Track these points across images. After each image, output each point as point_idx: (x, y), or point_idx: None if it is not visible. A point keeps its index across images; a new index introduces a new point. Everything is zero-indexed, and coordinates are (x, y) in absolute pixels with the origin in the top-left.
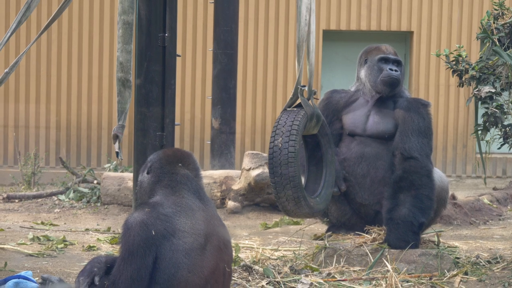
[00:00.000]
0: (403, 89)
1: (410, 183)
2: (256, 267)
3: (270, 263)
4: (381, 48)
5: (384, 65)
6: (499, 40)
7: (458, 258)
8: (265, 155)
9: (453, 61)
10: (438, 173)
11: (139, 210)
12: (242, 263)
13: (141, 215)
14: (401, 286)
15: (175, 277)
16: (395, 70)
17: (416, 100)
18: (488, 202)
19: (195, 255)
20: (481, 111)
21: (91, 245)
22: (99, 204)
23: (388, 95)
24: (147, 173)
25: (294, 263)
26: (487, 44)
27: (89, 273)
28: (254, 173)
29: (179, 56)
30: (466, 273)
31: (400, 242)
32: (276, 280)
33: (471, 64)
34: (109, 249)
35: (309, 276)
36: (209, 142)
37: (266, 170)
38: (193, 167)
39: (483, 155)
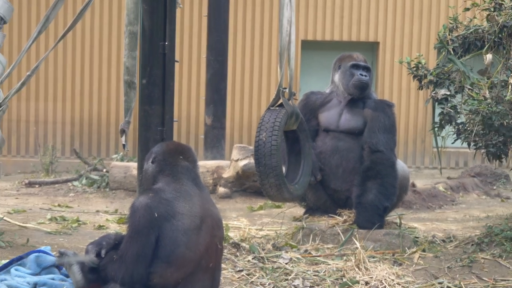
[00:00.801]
0: (371, 92)
1: (377, 173)
2: (243, 244)
3: (255, 241)
4: (353, 56)
5: (355, 71)
6: (453, 50)
7: (417, 237)
8: (251, 148)
9: (413, 67)
10: (400, 164)
11: (144, 195)
12: (231, 241)
13: (146, 199)
14: (368, 261)
15: (175, 253)
16: (365, 75)
17: (382, 101)
18: (443, 190)
19: (192, 234)
20: (438, 111)
21: (101, 224)
22: (107, 189)
23: (359, 96)
24: (152, 162)
25: (276, 241)
26: (443, 53)
27: (98, 245)
28: (242, 163)
29: (177, 61)
30: (424, 250)
31: (368, 223)
32: (261, 255)
33: (429, 70)
34: (116, 228)
35: (289, 252)
36: (203, 137)
37: (252, 161)
38: (192, 159)
39: (439, 149)
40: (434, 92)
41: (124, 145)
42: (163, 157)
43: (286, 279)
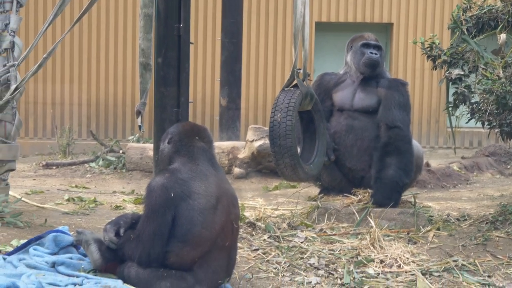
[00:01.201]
0: (384, 71)
1: (395, 148)
2: (259, 223)
3: (271, 220)
4: (364, 36)
5: (366, 50)
6: (467, 30)
7: (431, 216)
8: (266, 128)
9: (427, 48)
10: (415, 144)
11: (160, 175)
12: (247, 220)
13: (162, 179)
14: (383, 239)
15: (191, 232)
16: (375, 53)
17: (395, 80)
18: (457, 169)
19: (208, 214)
20: (452, 90)
21: (118, 205)
22: (124, 170)
23: (370, 75)
24: (168, 143)
25: (291, 220)
26: (457, 33)
27: (116, 224)
28: (257, 144)
29: (192, 43)
30: (438, 229)
31: (385, 199)
32: (276, 234)
33: (443, 50)
34: (133, 208)
35: (304, 231)
36: (218, 118)
37: (267, 141)
38: (208, 140)
39: (453, 128)
40: (448, 72)
41: (140, 127)
42: (179, 138)
43: (302, 258)
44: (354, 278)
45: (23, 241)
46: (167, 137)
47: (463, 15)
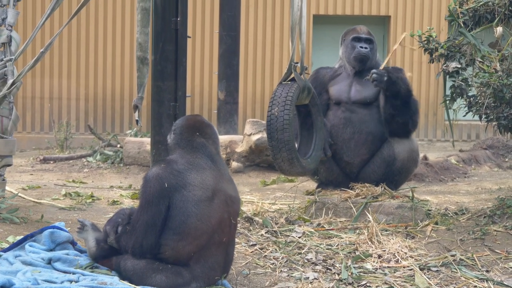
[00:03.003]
0: (378, 61)
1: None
2: (257, 218)
3: (268, 215)
4: (356, 29)
5: (356, 44)
6: (464, 23)
7: (429, 210)
8: (264, 122)
9: (424, 41)
10: (411, 138)
11: (156, 166)
12: (244, 215)
13: (157, 170)
14: (381, 234)
15: (186, 224)
16: (365, 48)
17: (392, 67)
18: (455, 162)
19: (203, 206)
20: (449, 83)
21: (115, 200)
22: (121, 165)
23: (360, 69)
24: (173, 134)
25: (289, 215)
26: (454, 26)
27: (115, 223)
28: (255, 138)
29: (189, 37)
30: (436, 223)
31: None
32: (274, 229)
33: (440, 44)
34: (130, 203)
35: (302, 226)
36: (216, 111)
37: (265, 135)
38: (209, 136)
39: (451, 121)
40: (445, 65)
41: (137, 121)
42: (180, 131)
43: (299, 253)
44: (352, 273)
45: (19, 238)
46: (172, 128)
47: (460, 8)
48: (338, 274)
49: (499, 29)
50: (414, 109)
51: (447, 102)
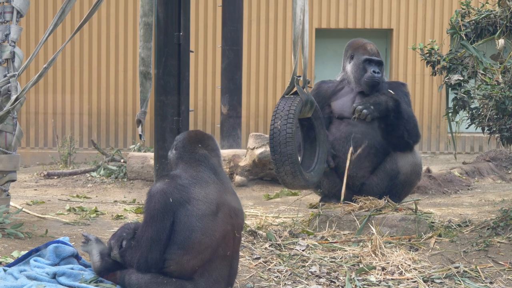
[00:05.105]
0: (384, 79)
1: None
2: (260, 231)
3: (272, 228)
4: (367, 48)
5: (368, 67)
6: (466, 35)
7: (433, 222)
8: (267, 136)
9: (427, 53)
10: (414, 151)
11: (160, 181)
12: (248, 229)
13: (162, 185)
14: (385, 246)
15: (190, 239)
16: (377, 72)
17: (395, 82)
18: (458, 175)
19: (208, 220)
20: (451, 96)
21: (119, 214)
22: (125, 179)
23: (370, 93)
24: (174, 149)
25: (293, 228)
26: (456, 39)
27: (119, 237)
28: (258, 151)
29: (192, 52)
30: (440, 235)
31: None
32: (278, 242)
33: (442, 56)
34: (134, 218)
35: (306, 239)
36: (219, 126)
37: (268, 149)
38: (211, 148)
39: (454, 134)
40: (448, 77)
41: (140, 136)
42: (183, 145)
43: (303, 266)
44: (355, 286)
45: (23, 252)
46: (173, 143)
47: (461, 20)
48: (342, 287)
49: (501, 42)
50: (407, 117)
51: (450, 114)
